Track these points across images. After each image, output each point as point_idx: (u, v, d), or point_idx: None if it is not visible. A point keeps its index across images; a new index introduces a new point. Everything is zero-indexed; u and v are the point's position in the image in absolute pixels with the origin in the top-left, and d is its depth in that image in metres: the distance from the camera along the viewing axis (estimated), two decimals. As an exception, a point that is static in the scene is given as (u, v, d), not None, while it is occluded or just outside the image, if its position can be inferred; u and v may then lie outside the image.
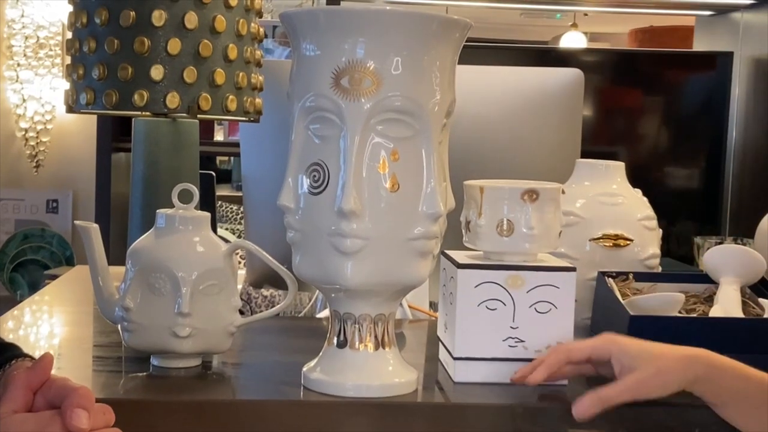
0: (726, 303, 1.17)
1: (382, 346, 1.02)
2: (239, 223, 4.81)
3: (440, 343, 1.14)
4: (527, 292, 1.04)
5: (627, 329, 1.08)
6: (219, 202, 4.65)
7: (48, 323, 1.40)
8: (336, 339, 1.02)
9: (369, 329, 1.01)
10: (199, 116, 1.28)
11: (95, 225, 1.09)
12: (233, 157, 5.07)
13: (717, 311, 1.16)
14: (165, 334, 1.04)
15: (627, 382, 0.96)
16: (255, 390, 1.07)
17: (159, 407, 0.97)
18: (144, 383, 1.04)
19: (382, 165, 0.96)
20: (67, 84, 1.35)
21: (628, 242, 1.24)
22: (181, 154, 1.36)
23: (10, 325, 1.31)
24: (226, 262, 1.08)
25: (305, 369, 1.04)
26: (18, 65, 4.05)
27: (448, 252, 1.11)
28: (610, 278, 1.19)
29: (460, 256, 1.09)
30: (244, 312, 1.60)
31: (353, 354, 1.02)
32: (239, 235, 4.32)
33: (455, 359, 1.05)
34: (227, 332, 1.08)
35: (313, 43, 0.97)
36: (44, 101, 4.09)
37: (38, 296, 1.55)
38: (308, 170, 0.98)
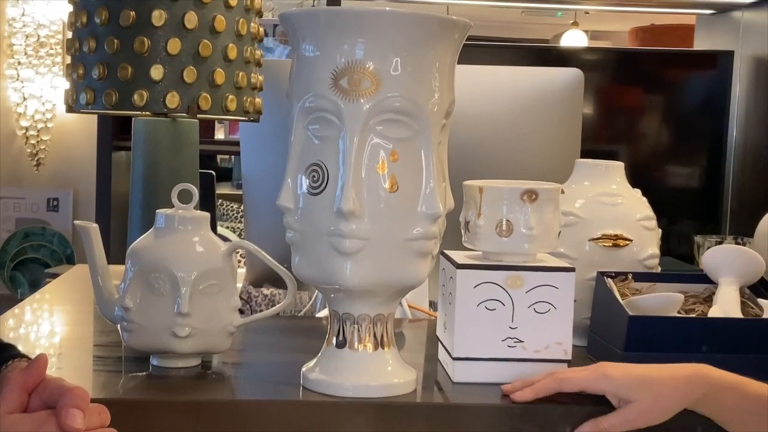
0: (725, 303, 1.17)
1: (381, 347, 1.02)
2: (240, 222, 4.81)
3: (439, 343, 1.14)
4: (526, 293, 1.05)
5: (626, 329, 1.08)
6: (219, 201, 4.65)
7: (48, 322, 1.40)
8: (335, 339, 1.03)
9: (368, 329, 1.02)
10: (199, 116, 1.28)
11: (95, 225, 1.09)
12: (234, 156, 5.08)
13: (716, 311, 1.16)
14: (164, 334, 1.04)
15: (627, 415, 0.96)
16: (254, 390, 1.07)
17: (158, 407, 0.97)
18: (143, 383, 1.04)
19: (382, 165, 0.96)
20: (67, 83, 1.35)
21: (628, 242, 1.24)
22: (181, 154, 1.36)
23: (11, 324, 1.31)
24: (226, 262, 1.08)
25: (304, 369, 1.04)
26: (18, 64, 4.05)
27: (448, 252, 1.11)
28: (609, 278, 1.19)
29: (460, 257, 1.09)
30: (244, 311, 1.60)
31: (352, 354, 1.02)
32: (240, 234, 4.32)
33: (454, 359, 1.06)
34: (227, 332, 1.08)
35: (313, 44, 0.97)
36: (45, 100, 4.09)
37: (39, 295, 1.55)
38: (307, 171, 0.98)
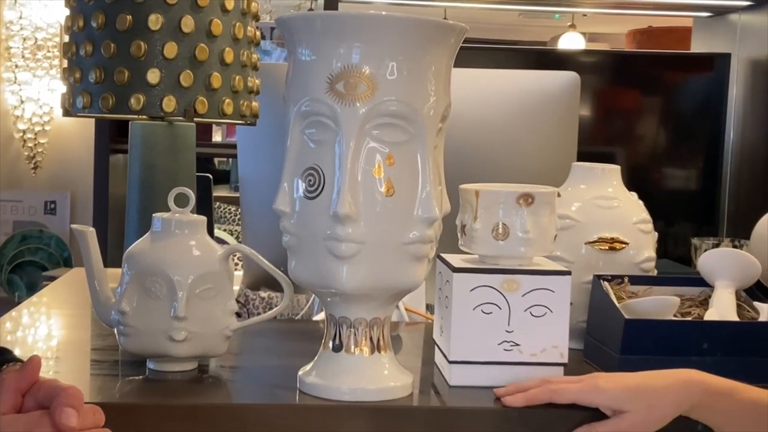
0: (721, 306, 1.17)
1: (378, 350, 1.02)
2: (237, 224, 4.82)
3: (436, 347, 1.14)
4: (522, 296, 1.05)
5: (622, 333, 1.08)
6: (217, 203, 4.65)
7: (46, 325, 1.40)
8: (332, 343, 1.03)
9: (364, 333, 1.02)
10: (196, 120, 1.28)
11: (92, 229, 1.10)
12: (231, 158, 5.08)
13: (712, 315, 1.16)
14: (161, 338, 1.04)
15: (621, 424, 0.96)
16: (251, 394, 1.07)
17: (155, 411, 0.97)
18: (140, 387, 1.04)
19: (378, 169, 0.96)
20: (64, 87, 1.35)
21: (624, 245, 1.24)
22: (178, 158, 1.36)
23: (8, 327, 1.31)
24: (222, 266, 1.08)
25: (301, 373, 1.04)
26: (16, 66, 4.06)
27: (444, 255, 1.11)
28: (606, 281, 1.19)
29: (456, 260, 1.09)
30: (241, 314, 1.60)
31: (349, 358, 1.02)
32: (237, 237, 4.32)
33: (451, 363, 1.06)
34: (223, 336, 1.08)
35: (309, 48, 0.97)
36: (42, 103, 4.09)
37: (36, 298, 1.55)
38: (304, 174, 0.98)
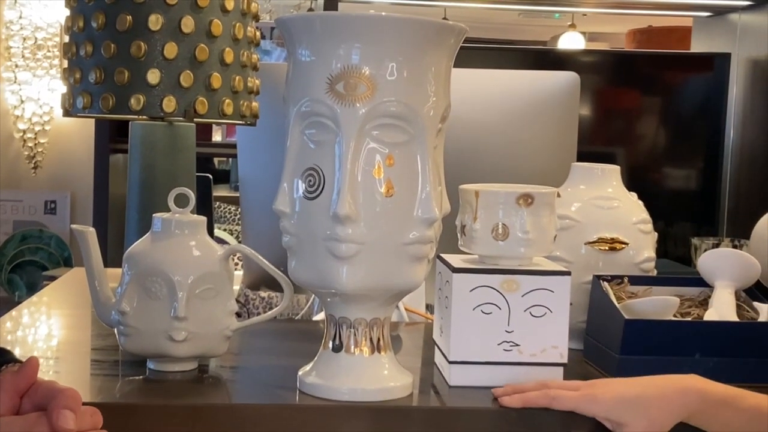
0: (720, 307, 1.17)
1: (378, 350, 1.03)
2: (237, 224, 4.82)
3: (436, 347, 1.14)
4: (522, 296, 1.05)
5: (622, 333, 1.08)
6: (217, 203, 4.65)
7: (46, 325, 1.40)
8: (331, 343, 1.03)
9: (364, 333, 1.02)
10: (196, 120, 1.29)
11: (92, 229, 1.10)
12: (231, 158, 5.08)
13: (711, 315, 1.16)
14: (161, 338, 1.05)
15: None
16: (251, 394, 1.07)
17: (155, 411, 0.97)
18: (140, 387, 1.04)
19: (377, 170, 0.96)
20: (65, 87, 1.35)
21: (624, 246, 1.25)
22: (178, 158, 1.36)
23: (9, 327, 1.31)
24: (222, 266, 1.08)
25: (301, 373, 1.04)
26: (16, 66, 4.05)
27: (444, 256, 1.11)
28: (605, 282, 1.20)
29: (456, 260, 1.09)
30: (241, 314, 1.61)
31: (349, 358, 1.02)
32: (237, 237, 4.32)
33: (450, 363, 1.06)
34: (223, 336, 1.08)
35: (309, 49, 0.97)
36: (42, 102, 4.09)
37: (36, 298, 1.55)
38: (304, 175, 0.98)
